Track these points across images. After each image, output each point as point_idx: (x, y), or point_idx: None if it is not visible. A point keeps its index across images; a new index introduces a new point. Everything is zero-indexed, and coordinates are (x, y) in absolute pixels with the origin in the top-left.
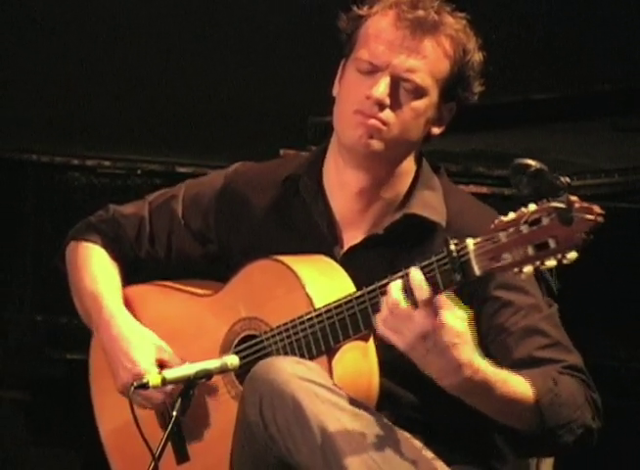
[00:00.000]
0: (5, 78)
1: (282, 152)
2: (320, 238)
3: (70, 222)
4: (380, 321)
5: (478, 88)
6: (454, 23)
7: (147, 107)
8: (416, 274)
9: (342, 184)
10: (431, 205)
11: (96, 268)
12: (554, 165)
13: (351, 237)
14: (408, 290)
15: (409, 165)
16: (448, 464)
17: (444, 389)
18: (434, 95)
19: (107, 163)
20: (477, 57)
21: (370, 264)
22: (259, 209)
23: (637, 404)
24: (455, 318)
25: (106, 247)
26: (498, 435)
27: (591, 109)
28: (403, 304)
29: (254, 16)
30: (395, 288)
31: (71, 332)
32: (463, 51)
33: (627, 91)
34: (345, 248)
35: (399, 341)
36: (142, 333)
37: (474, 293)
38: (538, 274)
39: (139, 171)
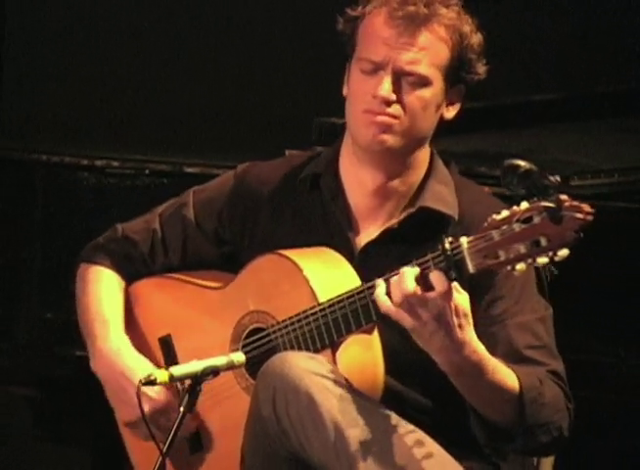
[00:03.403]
0: (14, 79)
1: (287, 152)
2: (338, 234)
3: (79, 222)
4: (391, 304)
5: (481, 68)
6: (446, 12)
7: (155, 108)
8: (437, 274)
9: (358, 182)
10: (443, 198)
11: (102, 292)
12: (554, 165)
13: (368, 232)
14: (420, 279)
15: (423, 157)
16: (456, 459)
17: (439, 365)
18: (438, 82)
19: (115, 163)
20: (475, 39)
21: (386, 258)
22: (273, 205)
23: (637, 402)
24: (464, 300)
25: (115, 268)
26: (474, 423)
27: (591, 109)
28: (418, 290)
29: (260, 17)
30: (410, 275)
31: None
32: (459, 36)
33: (627, 91)
34: (363, 243)
35: (410, 322)
36: (145, 363)
37: (477, 281)
38: (539, 274)
39: (147, 171)
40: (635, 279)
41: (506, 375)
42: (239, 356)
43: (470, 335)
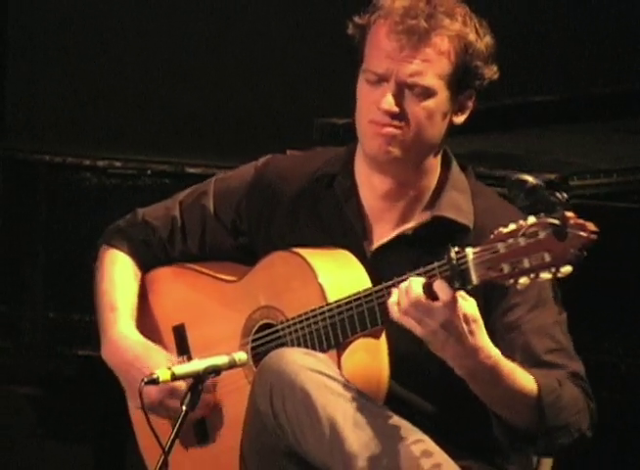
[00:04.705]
0: (18, 80)
1: (288, 153)
2: (351, 235)
3: (82, 222)
4: (400, 312)
5: (490, 72)
6: (450, 23)
7: (156, 108)
8: (440, 283)
9: (369, 184)
10: (459, 206)
11: (116, 277)
12: (554, 166)
13: (380, 234)
14: (426, 287)
15: (434, 162)
16: (454, 459)
17: (455, 370)
18: (443, 92)
19: (117, 163)
20: (481, 45)
21: (397, 262)
22: (290, 201)
23: (637, 400)
24: (471, 307)
25: (132, 254)
26: (496, 426)
27: (591, 110)
28: (423, 298)
29: (262, 18)
30: (416, 284)
31: (83, 329)
32: (464, 45)
33: (627, 93)
34: (375, 245)
35: (421, 330)
36: (153, 348)
37: (495, 288)
38: (554, 280)
39: (149, 172)
40: (635, 279)
41: (523, 379)
42: (241, 355)
43: (483, 340)
